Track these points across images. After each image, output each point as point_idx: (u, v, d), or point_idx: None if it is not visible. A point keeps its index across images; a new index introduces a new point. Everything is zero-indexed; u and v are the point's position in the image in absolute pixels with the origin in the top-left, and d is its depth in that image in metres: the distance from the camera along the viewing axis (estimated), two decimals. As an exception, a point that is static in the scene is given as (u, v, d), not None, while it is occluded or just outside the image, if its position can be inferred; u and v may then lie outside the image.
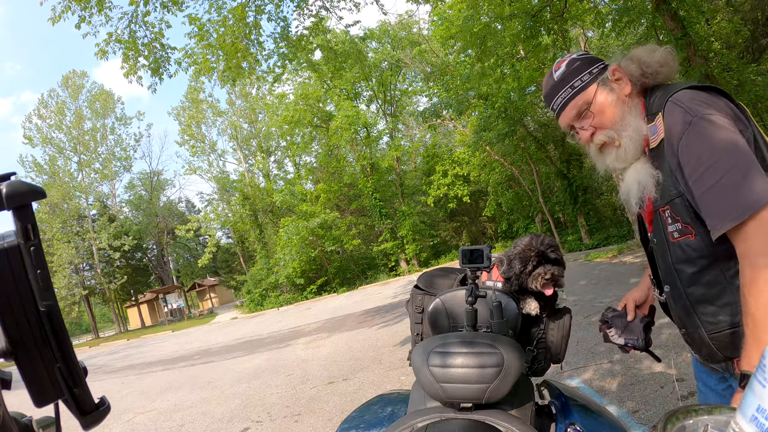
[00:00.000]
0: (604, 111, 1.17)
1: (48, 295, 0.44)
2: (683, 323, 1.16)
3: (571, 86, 1.18)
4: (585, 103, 1.17)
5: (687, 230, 1.06)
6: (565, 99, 1.20)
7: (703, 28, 11.72)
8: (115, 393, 7.86)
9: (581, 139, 1.22)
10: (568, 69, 1.20)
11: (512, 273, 1.43)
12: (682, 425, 0.47)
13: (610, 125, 1.16)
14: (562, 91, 1.20)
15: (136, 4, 6.78)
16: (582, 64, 1.19)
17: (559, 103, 1.21)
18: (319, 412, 4.38)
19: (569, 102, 1.19)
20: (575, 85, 1.18)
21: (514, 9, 9.49)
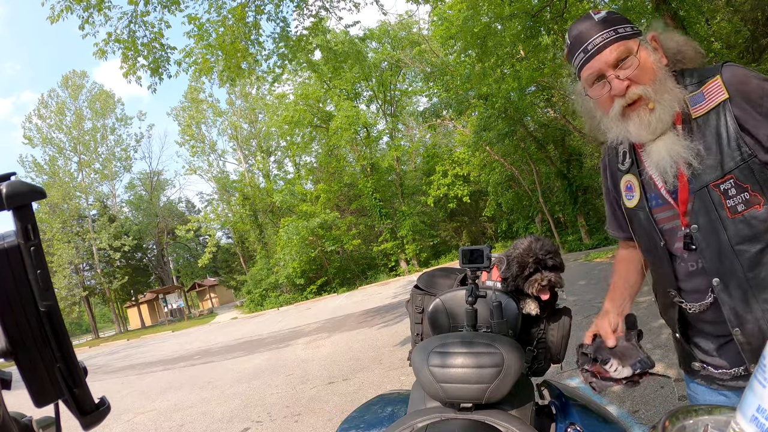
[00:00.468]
0: (645, 68, 1.04)
1: (48, 295, 0.44)
2: (740, 319, 1.00)
3: (614, 30, 1.04)
4: (628, 50, 1.03)
5: (755, 200, 0.95)
6: (607, 40, 1.04)
7: (703, 28, 11.73)
8: (115, 393, 7.86)
9: (612, 90, 1.05)
10: (610, 16, 1.07)
11: (509, 275, 1.43)
12: (682, 425, 0.47)
13: (649, 83, 1.03)
14: (603, 32, 1.05)
15: (136, 4, 6.78)
16: (623, 18, 1.07)
17: (597, 43, 1.04)
18: (319, 412, 4.38)
19: (611, 44, 1.04)
20: (619, 30, 1.04)
21: (514, 9, 9.48)
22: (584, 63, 1.07)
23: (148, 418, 5.69)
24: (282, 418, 4.47)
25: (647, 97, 1.02)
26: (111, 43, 7.01)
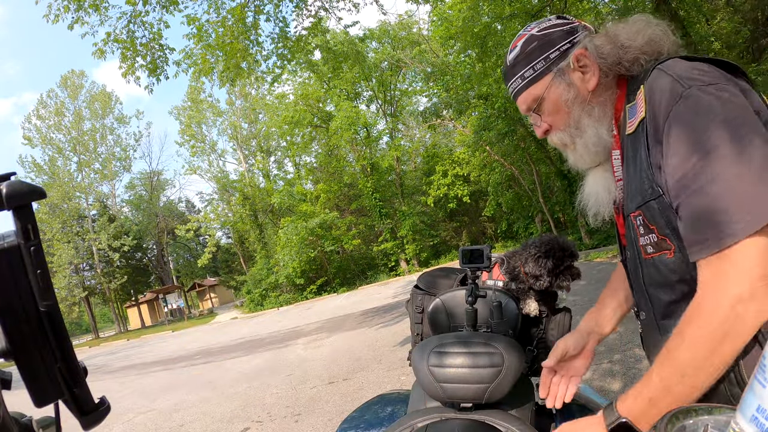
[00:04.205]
0: (557, 111, 0.94)
1: (48, 295, 0.44)
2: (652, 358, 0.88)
3: (521, 76, 0.96)
4: (534, 100, 0.96)
5: (664, 244, 0.79)
6: (515, 90, 0.98)
7: (703, 28, 11.73)
8: (115, 393, 7.85)
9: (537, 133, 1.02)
10: (522, 51, 0.96)
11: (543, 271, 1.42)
12: (682, 425, 0.47)
13: (563, 128, 0.95)
14: (513, 80, 0.98)
15: (134, 4, 6.78)
16: (539, 46, 0.93)
17: (510, 91, 1.00)
18: (319, 412, 4.38)
19: (519, 95, 0.98)
20: (526, 75, 0.95)
21: (514, 9, 9.49)
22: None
23: (148, 418, 5.69)
24: (282, 418, 4.47)
25: (564, 143, 0.97)
26: (110, 43, 7.01)
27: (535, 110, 0.97)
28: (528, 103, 0.97)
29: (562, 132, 0.96)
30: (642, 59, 0.87)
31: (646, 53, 0.87)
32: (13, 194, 0.43)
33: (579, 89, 0.92)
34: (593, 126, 0.91)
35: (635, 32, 0.89)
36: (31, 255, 0.43)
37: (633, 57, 0.88)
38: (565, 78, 0.92)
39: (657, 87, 0.78)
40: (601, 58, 0.89)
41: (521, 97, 0.98)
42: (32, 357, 0.43)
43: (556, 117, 0.96)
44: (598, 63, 0.90)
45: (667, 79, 0.76)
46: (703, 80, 0.73)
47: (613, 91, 0.92)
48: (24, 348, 0.43)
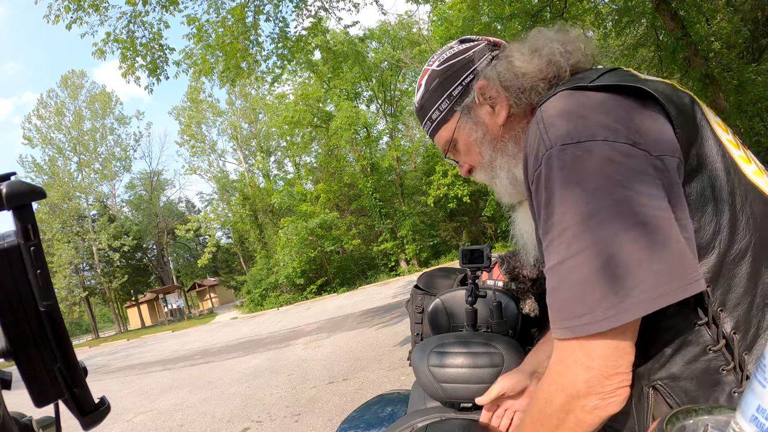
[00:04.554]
0: (469, 151, 0.87)
1: (48, 295, 0.44)
2: None
3: (429, 118, 0.88)
4: (446, 143, 0.88)
5: None
6: (428, 132, 0.90)
7: (703, 28, 11.72)
8: (115, 393, 7.86)
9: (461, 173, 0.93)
10: (426, 90, 0.88)
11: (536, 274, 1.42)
12: (682, 425, 0.47)
13: (478, 165, 0.88)
14: (424, 122, 0.91)
15: (134, 4, 6.78)
16: (441, 83, 0.85)
17: (426, 132, 0.92)
18: (319, 412, 4.38)
19: (433, 136, 0.90)
20: (433, 117, 0.87)
21: (514, 9, 9.49)
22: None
23: (148, 418, 5.69)
24: (282, 418, 4.47)
25: (486, 182, 0.89)
26: (110, 43, 7.02)
27: (451, 152, 0.90)
28: (442, 146, 0.90)
29: (480, 171, 0.88)
30: (540, 87, 0.76)
31: (545, 78, 0.75)
32: (13, 194, 0.43)
33: (488, 125, 0.83)
34: (506, 164, 0.82)
35: (530, 54, 0.77)
36: (31, 255, 0.43)
37: (530, 85, 0.76)
38: (471, 116, 0.83)
39: (529, 137, 0.67)
40: (505, 87, 0.78)
41: (435, 139, 0.90)
42: (32, 357, 0.43)
43: (471, 157, 0.88)
44: (505, 92, 0.78)
45: (536, 129, 0.65)
46: (571, 135, 0.60)
47: (528, 121, 0.79)
48: (24, 348, 0.43)
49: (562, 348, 0.61)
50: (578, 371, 0.59)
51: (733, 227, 0.60)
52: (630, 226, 0.55)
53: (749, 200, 0.63)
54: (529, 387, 0.99)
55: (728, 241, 0.60)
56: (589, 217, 0.56)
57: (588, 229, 0.56)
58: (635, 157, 0.58)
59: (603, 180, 0.57)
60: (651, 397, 0.63)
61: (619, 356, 0.58)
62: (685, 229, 0.58)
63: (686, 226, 0.59)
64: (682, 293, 0.55)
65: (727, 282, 0.60)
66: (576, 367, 0.59)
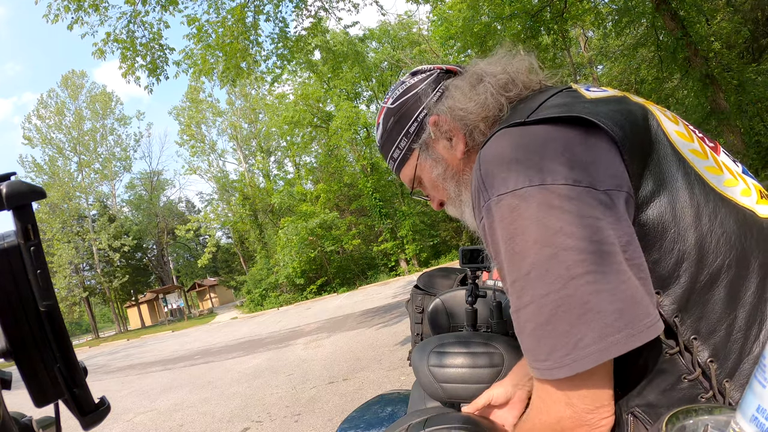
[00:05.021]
0: (435, 187, 0.85)
1: (48, 295, 0.44)
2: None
3: (391, 157, 0.88)
4: (411, 181, 0.87)
5: None
6: (393, 170, 0.90)
7: (703, 28, 11.72)
8: (115, 393, 7.86)
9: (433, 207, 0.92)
10: (384, 128, 0.86)
11: None
12: (682, 425, 0.47)
13: (445, 198, 0.86)
14: (387, 161, 0.90)
15: (133, 4, 6.79)
16: (397, 121, 0.83)
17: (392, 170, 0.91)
18: (319, 412, 4.38)
19: (397, 174, 0.89)
20: (394, 155, 0.86)
21: (514, 9, 9.50)
22: None
23: (148, 418, 5.69)
24: (282, 418, 4.47)
25: (455, 215, 0.86)
26: (110, 43, 7.02)
27: (419, 187, 0.89)
28: (408, 184, 0.89)
29: (450, 205, 0.86)
30: (481, 126, 0.75)
31: (486, 117, 0.74)
32: (13, 194, 0.43)
33: (448, 160, 0.80)
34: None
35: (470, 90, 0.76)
36: (31, 255, 0.43)
37: (473, 124, 0.75)
38: (430, 152, 0.82)
39: (471, 185, 0.65)
40: (457, 121, 0.77)
41: (400, 177, 0.89)
42: (32, 357, 0.43)
43: (437, 192, 0.86)
44: (458, 124, 0.77)
45: (476, 177, 0.62)
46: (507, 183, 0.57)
47: None
48: (24, 348, 0.43)
49: (540, 386, 0.60)
50: (560, 408, 0.57)
51: (700, 251, 0.56)
52: (574, 275, 0.52)
53: (719, 218, 0.58)
54: (512, 398, 0.97)
55: (696, 268, 0.56)
56: (531, 269, 0.54)
57: (530, 283, 0.54)
58: (576, 198, 0.54)
59: (542, 229, 0.54)
60: (630, 422, 0.61)
61: (596, 392, 0.56)
62: (638, 268, 0.54)
63: (639, 265, 0.54)
64: (634, 342, 0.51)
65: (699, 309, 0.57)
66: (557, 405, 0.57)
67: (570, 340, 0.52)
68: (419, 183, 0.87)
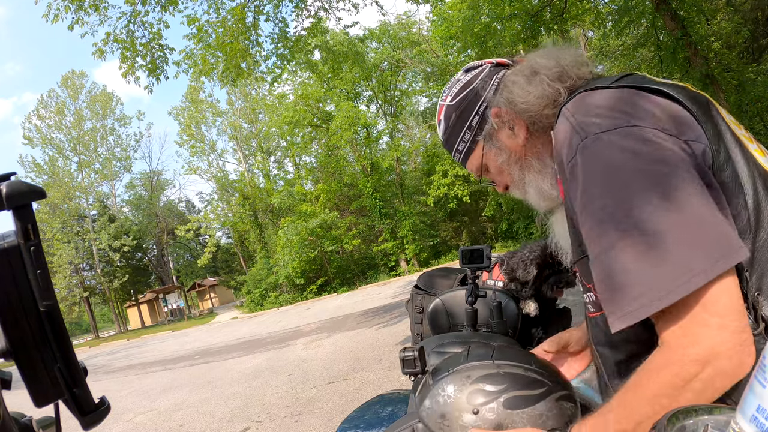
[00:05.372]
0: (500, 173, 0.92)
1: (48, 295, 0.44)
2: None
3: (456, 150, 0.94)
4: (478, 169, 0.94)
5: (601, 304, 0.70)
6: (459, 161, 0.96)
7: (703, 28, 11.73)
8: (115, 393, 7.86)
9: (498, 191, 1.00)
10: (446, 125, 0.93)
11: (530, 278, 1.43)
12: (682, 425, 0.47)
13: (510, 182, 0.92)
14: (452, 154, 0.96)
15: (133, 4, 6.79)
16: (458, 117, 0.90)
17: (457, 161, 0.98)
18: (319, 412, 4.38)
19: (464, 165, 0.96)
20: (459, 148, 0.93)
21: (514, 9, 9.49)
22: None
23: (148, 418, 5.69)
24: (282, 418, 4.47)
25: (519, 197, 0.93)
26: (110, 43, 7.02)
27: (485, 174, 0.96)
28: (475, 172, 0.96)
29: (513, 189, 0.93)
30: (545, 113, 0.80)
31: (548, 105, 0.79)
32: (13, 194, 0.43)
33: (510, 147, 0.87)
34: (535, 181, 0.86)
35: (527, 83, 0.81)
36: (31, 255, 0.43)
37: (536, 112, 0.80)
38: (494, 141, 0.88)
39: (560, 135, 0.70)
40: (517, 111, 0.83)
41: (467, 168, 0.97)
42: (32, 357, 0.43)
43: (503, 178, 0.93)
44: (518, 114, 0.83)
45: (566, 125, 0.68)
46: (602, 125, 0.64)
47: (547, 135, 0.83)
48: (24, 348, 0.43)
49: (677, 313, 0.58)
50: (712, 333, 0.56)
51: (757, 215, 0.62)
52: (672, 203, 0.57)
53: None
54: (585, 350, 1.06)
55: (756, 228, 0.62)
56: (633, 197, 0.58)
57: (634, 209, 0.58)
58: (666, 140, 0.61)
59: (640, 162, 0.59)
60: None
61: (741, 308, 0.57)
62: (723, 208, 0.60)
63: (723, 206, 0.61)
64: (736, 256, 0.56)
65: (761, 267, 0.61)
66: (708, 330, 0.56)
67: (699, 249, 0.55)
68: (486, 170, 0.94)
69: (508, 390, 0.71)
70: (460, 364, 0.76)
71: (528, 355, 0.85)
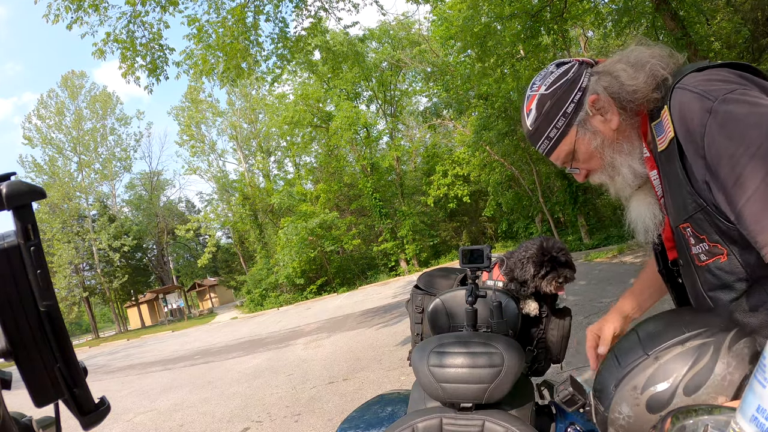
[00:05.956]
0: (591, 158, 0.99)
1: (48, 295, 0.44)
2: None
3: (547, 137, 1.00)
4: (567, 155, 1.00)
5: (716, 250, 0.83)
6: (546, 150, 1.02)
7: (703, 28, 11.74)
8: (115, 393, 7.86)
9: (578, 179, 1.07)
10: (539, 113, 0.99)
11: (528, 276, 1.43)
12: (682, 425, 0.47)
13: (599, 167, 1.00)
14: (540, 142, 1.02)
15: (133, 4, 6.78)
16: (553, 104, 0.96)
17: (541, 152, 1.04)
18: (319, 412, 4.38)
19: (551, 153, 1.02)
20: (551, 135, 0.99)
21: (514, 9, 9.49)
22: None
23: (148, 418, 5.69)
24: (282, 418, 4.47)
25: (604, 182, 1.01)
26: (110, 43, 7.02)
27: (571, 162, 1.02)
28: (562, 159, 1.02)
29: (600, 173, 1.01)
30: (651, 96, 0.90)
31: (652, 87, 0.89)
32: (13, 194, 0.43)
33: (603, 132, 0.95)
34: (626, 162, 0.96)
35: (634, 70, 0.91)
36: (31, 255, 0.43)
37: (642, 96, 0.90)
38: (587, 127, 0.96)
39: (684, 106, 0.80)
40: (614, 98, 0.93)
41: (553, 155, 1.02)
42: (32, 357, 0.43)
43: (591, 163, 1.00)
44: (615, 101, 0.93)
45: (691, 95, 0.79)
46: (726, 89, 0.76)
47: (635, 119, 0.94)
48: (24, 348, 0.43)
49: None
50: None
51: None
52: None
53: None
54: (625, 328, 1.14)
55: None
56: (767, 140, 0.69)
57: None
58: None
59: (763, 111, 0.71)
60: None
61: None
62: None
63: None
64: None
65: None
66: None
67: None
68: (574, 157, 1.00)
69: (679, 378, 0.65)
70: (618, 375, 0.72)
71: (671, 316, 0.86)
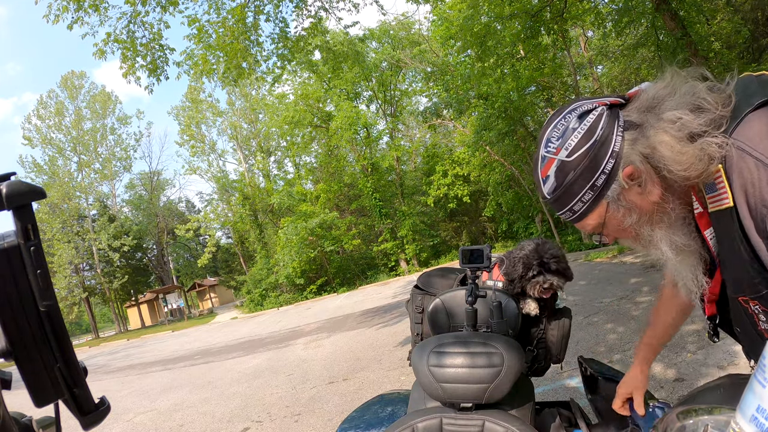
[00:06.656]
0: (622, 232, 0.85)
1: (48, 295, 0.44)
2: None
3: (570, 210, 0.83)
4: (594, 228, 0.85)
5: None
6: (569, 220, 0.87)
7: (703, 28, 11.73)
8: (115, 393, 7.85)
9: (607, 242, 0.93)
10: (559, 183, 0.81)
11: (515, 275, 1.43)
12: (682, 425, 0.47)
13: (632, 239, 0.87)
14: (562, 212, 0.86)
15: (133, 4, 6.79)
16: (579, 176, 0.79)
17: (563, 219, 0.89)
18: (319, 412, 4.38)
19: (575, 223, 0.87)
20: (575, 209, 0.82)
21: (514, 9, 9.49)
22: None
23: (148, 418, 5.69)
24: (282, 418, 4.47)
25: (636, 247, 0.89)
26: (110, 43, 7.02)
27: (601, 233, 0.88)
28: (588, 230, 0.87)
29: (633, 242, 0.88)
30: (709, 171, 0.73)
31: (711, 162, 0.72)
32: (13, 194, 0.43)
33: (641, 206, 0.80)
34: (666, 237, 0.82)
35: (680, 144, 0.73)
36: (31, 255, 0.43)
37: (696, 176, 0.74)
38: (621, 202, 0.79)
39: (744, 174, 0.68)
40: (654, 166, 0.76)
41: (578, 225, 0.88)
42: (32, 357, 0.43)
43: (624, 235, 0.86)
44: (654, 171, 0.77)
45: (754, 163, 0.67)
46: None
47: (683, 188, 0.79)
48: (24, 348, 0.43)
49: None
50: None
51: None
52: None
53: None
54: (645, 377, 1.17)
55: None
56: None
57: None
58: None
59: None
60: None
61: None
62: None
63: None
64: None
65: None
66: None
67: None
68: (603, 228, 0.85)
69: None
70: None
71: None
